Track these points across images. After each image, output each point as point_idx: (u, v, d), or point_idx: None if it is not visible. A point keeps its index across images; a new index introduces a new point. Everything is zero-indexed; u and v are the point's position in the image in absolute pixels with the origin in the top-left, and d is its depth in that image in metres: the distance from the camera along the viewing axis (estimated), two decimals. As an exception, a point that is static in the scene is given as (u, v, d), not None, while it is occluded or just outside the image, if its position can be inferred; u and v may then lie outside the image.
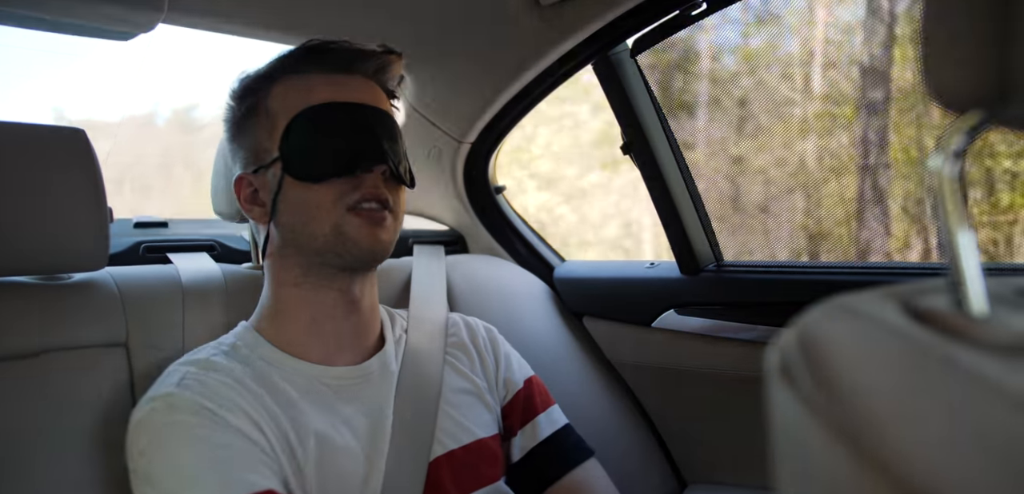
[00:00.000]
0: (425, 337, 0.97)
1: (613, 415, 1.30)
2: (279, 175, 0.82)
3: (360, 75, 0.87)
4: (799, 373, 0.29)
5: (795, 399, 0.28)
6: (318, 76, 0.84)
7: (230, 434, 0.71)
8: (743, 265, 1.22)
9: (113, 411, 0.84)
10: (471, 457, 0.88)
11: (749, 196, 1.75)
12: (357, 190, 0.81)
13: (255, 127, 0.85)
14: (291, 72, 0.85)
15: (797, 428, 0.28)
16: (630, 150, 1.22)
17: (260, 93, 0.85)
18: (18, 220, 0.83)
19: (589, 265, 1.46)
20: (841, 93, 1.89)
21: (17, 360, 0.82)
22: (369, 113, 0.84)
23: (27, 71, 1.49)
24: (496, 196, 1.52)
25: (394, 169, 0.84)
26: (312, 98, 0.82)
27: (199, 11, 1.01)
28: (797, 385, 0.29)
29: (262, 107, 0.84)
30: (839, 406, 0.26)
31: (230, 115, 0.89)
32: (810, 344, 0.30)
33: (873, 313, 0.29)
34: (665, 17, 1.05)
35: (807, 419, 0.27)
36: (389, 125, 0.86)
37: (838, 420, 0.25)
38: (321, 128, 0.81)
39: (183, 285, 0.99)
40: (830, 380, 0.27)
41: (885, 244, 1.80)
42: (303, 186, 0.81)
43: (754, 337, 1.13)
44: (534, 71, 1.20)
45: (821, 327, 0.30)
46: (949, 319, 0.28)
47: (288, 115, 0.82)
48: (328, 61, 0.85)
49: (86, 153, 0.88)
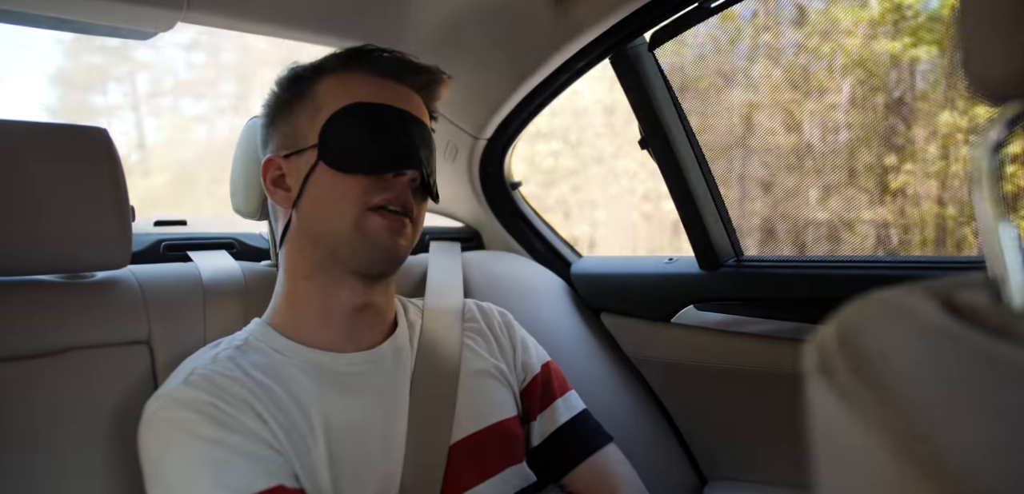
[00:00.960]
0: (441, 322, 0.97)
1: (632, 411, 1.29)
2: (312, 161, 0.83)
3: (407, 85, 0.89)
4: (840, 371, 0.28)
5: (836, 397, 0.28)
6: (369, 76, 0.86)
7: (235, 433, 0.71)
8: (764, 260, 1.21)
9: (136, 408, 0.84)
10: (492, 439, 0.88)
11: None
12: (384, 191, 0.82)
13: (298, 113, 0.86)
14: (343, 68, 0.87)
15: (839, 427, 0.27)
16: (648, 145, 1.21)
17: (309, 82, 0.87)
18: (42, 220, 0.84)
19: (606, 261, 1.45)
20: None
21: (42, 358, 0.83)
22: (410, 121, 0.85)
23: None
24: (512, 192, 1.51)
25: (425, 178, 0.85)
26: (359, 95, 0.84)
27: (219, 9, 1.01)
28: (838, 383, 0.28)
29: (308, 94, 0.86)
30: (884, 406, 0.25)
31: (272, 99, 0.90)
32: (850, 342, 0.29)
33: (912, 309, 0.29)
34: (683, 10, 1.05)
35: (850, 418, 0.26)
36: (426, 137, 0.88)
37: (883, 420, 0.25)
38: (362, 124, 0.82)
39: (204, 283, 0.99)
40: (873, 379, 0.27)
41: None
42: (333, 175, 0.82)
43: (775, 332, 1.12)
44: (550, 66, 1.20)
45: (860, 324, 0.30)
46: (990, 314, 0.28)
47: (333, 106, 0.83)
48: (380, 65, 0.87)
49: (108, 152, 0.89)
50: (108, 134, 0.89)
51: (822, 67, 1.90)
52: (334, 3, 1.07)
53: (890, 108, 1.80)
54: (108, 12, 0.95)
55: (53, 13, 0.95)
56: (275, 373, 0.79)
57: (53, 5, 0.92)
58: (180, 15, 0.98)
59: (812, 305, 1.08)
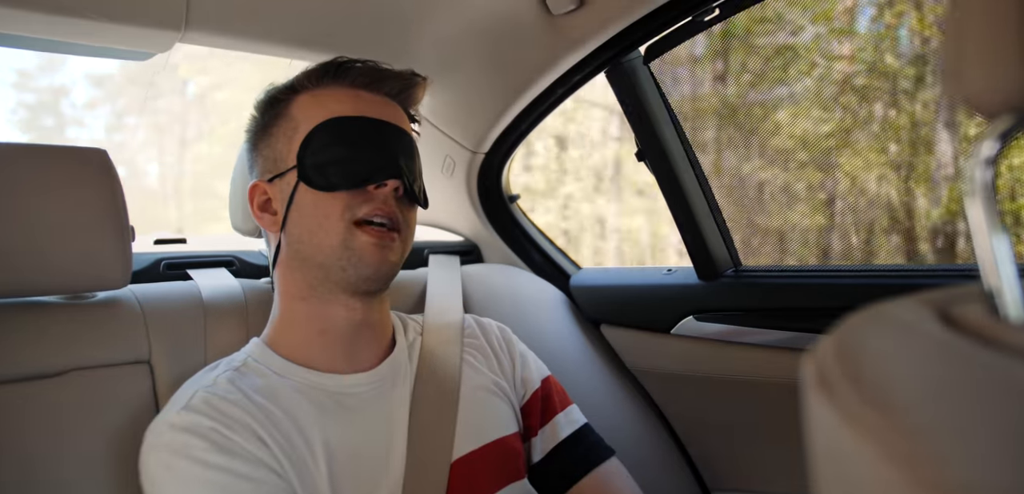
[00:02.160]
0: (441, 339, 0.97)
1: (633, 422, 1.29)
2: (294, 183, 0.83)
3: (383, 94, 0.88)
4: (840, 387, 0.28)
5: (836, 413, 0.28)
6: (342, 90, 0.86)
7: (237, 457, 0.71)
8: (762, 270, 1.22)
9: (138, 428, 0.84)
10: (494, 456, 0.88)
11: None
12: (367, 204, 0.82)
13: (276, 136, 0.86)
14: (316, 85, 0.87)
15: (840, 443, 0.28)
16: (644, 157, 1.22)
17: (284, 103, 0.87)
18: (42, 241, 0.84)
19: (605, 272, 1.45)
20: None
21: (43, 379, 0.83)
22: (387, 130, 0.85)
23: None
24: (510, 205, 1.52)
25: (408, 186, 0.84)
26: (333, 110, 0.83)
27: (216, 29, 1.02)
28: (838, 399, 0.28)
29: (285, 116, 0.86)
30: (887, 422, 0.25)
31: (253, 125, 0.91)
32: (849, 355, 0.29)
33: (911, 323, 0.29)
34: (678, 23, 1.05)
35: (851, 434, 0.27)
36: (407, 144, 0.87)
37: (886, 437, 0.25)
38: (339, 139, 0.82)
39: (204, 301, 0.99)
40: (874, 395, 0.27)
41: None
42: (314, 195, 0.82)
43: (774, 342, 1.12)
44: (547, 80, 1.20)
45: (859, 338, 0.30)
46: (986, 327, 0.28)
47: (309, 125, 0.83)
48: (353, 77, 0.87)
49: (108, 173, 0.89)
50: (107, 155, 0.90)
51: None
52: (332, 23, 1.07)
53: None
54: (106, 34, 0.96)
55: (51, 35, 0.95)
56: (275, 396, 0.79)
57: (51, 28, 0.93)
58: (178, 36, 0.99)
59: (811, 314, 1.08)
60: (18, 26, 0.92)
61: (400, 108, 0.90)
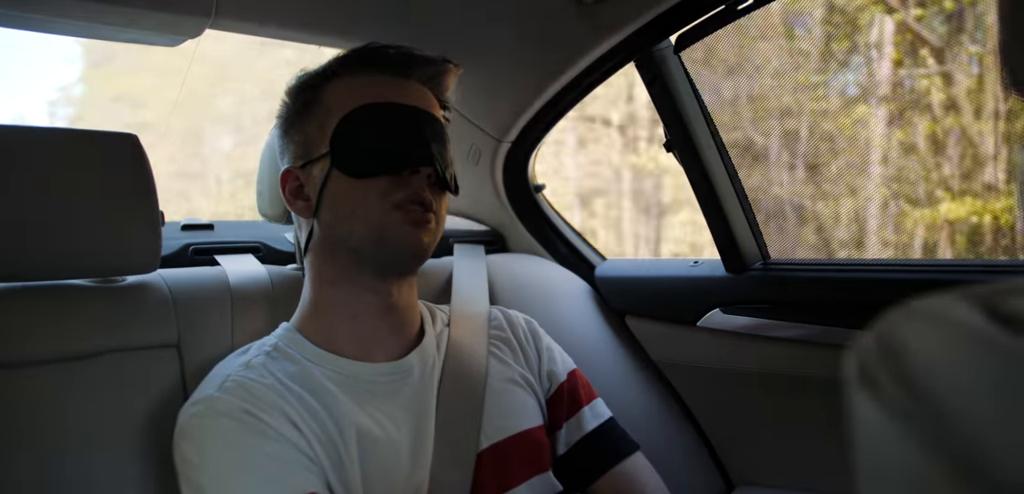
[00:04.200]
0: (468, 330, 0.97)
1: (657, 414, 1.28)
2: (327, 169, 0.83)
3: (416, 80, 0.88)
4: (886, 385, 0.27)
5: (882, 410, 0.27)
6: (374, 76, 0.86)
7: (271, 440, 0.72)
8: (791, 263, 1.20)
9: (166, 411, 0.85)
10: (519, 448, 0.88)
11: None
12: (401, 190, 0.82)
13: (308, 121, 0.86)
14: (348, 71, 0.87)
15: (886, 441, 0.27)
16: (673, 147, 1.20)
17: (316, 89, 0.87)
18: (74, 224, 0.85)
19: (631, 263, 1.44)
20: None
21: (73, 361, 0.84)
22: (420, 116, 0.85)
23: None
24: (536, 195, 1.51)
25: (440, 173, 0.84)
26: (366, 96, 0.83)
27: (246, 15, 1.02)
28: (885, 398, 0.27)
29: (317, 102, 0.86)
30: (935, 420, 0.24)
31: (284, 111, 0.90)
32: (893, 351, 0.28)
33: (957, 319, 0.28)
34: (710, 12, 1.03)
35: (897, 431, 0.26)
36: (439, 130, 0.87)
37: (936, 435, 0.24)
38: (372, 126, 0.82)
39: (231, 287, 1.00)
40: (921, 392, 0.26)
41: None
42: (348, 181, 0.81)
43: (803, 337, 1.10)
44: (575, 70, 1.19)
45: (904, 333, 0.29)
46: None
47: (341, 111, 0.83)
48: (385, 63, 0.86)
49: (138, 157, 0.90)
50: (138, 140, 0.91)
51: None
52: (360, 8, 1.07)
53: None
54: (137, 20, 0.97)
55: (83, 20, 0.96)
56: (307, 382, 0.79)
57: (83, 13, 0.94)
58: (208, 22, 0.99)
59: (842, 309, 1.06)
60: (53, 10, 0.93)
61: (432, 94, 0.90)
